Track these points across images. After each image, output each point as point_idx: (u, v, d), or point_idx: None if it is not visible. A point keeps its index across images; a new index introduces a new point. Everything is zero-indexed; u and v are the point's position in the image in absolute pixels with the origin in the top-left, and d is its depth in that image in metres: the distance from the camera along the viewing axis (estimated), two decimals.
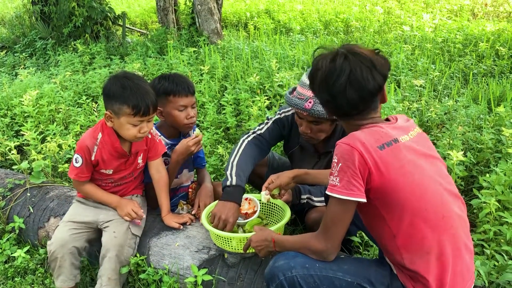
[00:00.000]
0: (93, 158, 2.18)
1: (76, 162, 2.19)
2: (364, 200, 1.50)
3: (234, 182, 2.25)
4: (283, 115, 2.55)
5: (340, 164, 1.50)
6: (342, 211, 1.55)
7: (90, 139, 2.19)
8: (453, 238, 1.55)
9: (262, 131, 2.51)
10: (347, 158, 1.49)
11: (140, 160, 2.32)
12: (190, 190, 2.72)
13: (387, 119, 1.69)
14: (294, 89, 2.32)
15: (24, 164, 2.90)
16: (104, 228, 2.25)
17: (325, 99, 1.61)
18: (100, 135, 2.19)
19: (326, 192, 1.55)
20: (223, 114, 4.08)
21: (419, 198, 1.52)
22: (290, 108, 2.53)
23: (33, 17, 8.34)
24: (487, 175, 2.64)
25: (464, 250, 1.59)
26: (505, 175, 2.56)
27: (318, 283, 1.62)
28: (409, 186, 1.51)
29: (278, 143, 3.03)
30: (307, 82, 2.18)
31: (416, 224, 1.52)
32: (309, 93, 2.15)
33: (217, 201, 2.36)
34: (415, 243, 1.53)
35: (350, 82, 1.53)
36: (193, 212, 2.43)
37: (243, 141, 2.46)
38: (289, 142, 2.61)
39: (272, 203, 2.32)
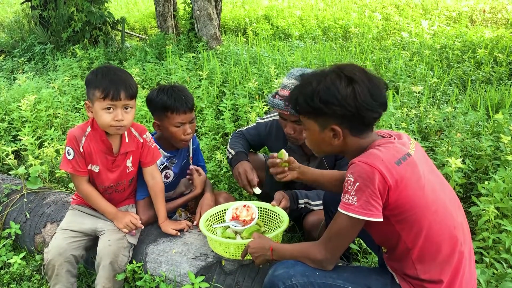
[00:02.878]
0: (81, 149, 2.16)
1: (69, 155, 2.17)
2: (381, 219, 1.48)
3: (233, 152, 2.56)
4: (264, 120, 2.68)
5: (358, 184, 1.47)
6: (351, 228, 1.54)
7: (78, 130, 2.19)
8: (462, 247, 1.56)
9: (243, 129, 2.75)
10: (365, 178, 1.46)
11: (129, 163, 2.29)
12: None
13: (381, 135, 1.68)
14: (277, 92, 2.41)
15: (21, 170, 2.89)
16: (100, 235, 2.24)
17: (350, 113, 1.53)
18: (89, 128, 2.19)
19: (339, 209, 1.53)
20: (221, 119, 4.07)
21: (434, 212, 1.52)
22: (273, 114, 2.64)
23: (32, 22, 8.34)
24: (486, 182, 2.63)
25: (469, 258, 1.60)
26: (504, 182, 2.55)
27: None
28: (425, 200, 1.51)
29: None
30: (288, 83, 2.28)
31: (431, 237, 1.52)
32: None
33: (215, 207, 2.36)
34: (430, 255, 1.53)
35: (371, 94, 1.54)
36: (194, 223, 2.40)
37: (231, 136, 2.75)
38: (272, 146, 2.67)
39: (270, 210, 2.31)
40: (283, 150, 2.02)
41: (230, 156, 2.57)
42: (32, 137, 3.61)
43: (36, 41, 7.77)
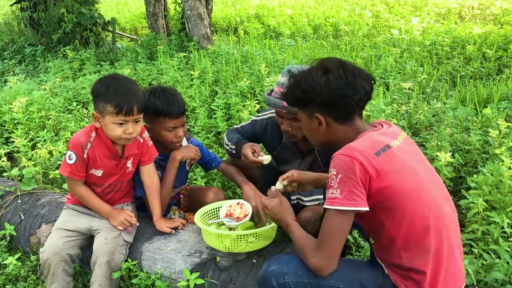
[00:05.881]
0: (85, 155, 2.17)
1: (70, 159, 2.16)
2: (367, 208, 1.50)
3: (234, 146, 2.54)
4: (259, 117, 2.66)
5: (340, 176, 1.50)
6: (341, 223, 1.53)
7: (84, 136, 2.19)
8: (447, 239, 1.58)
9: (238, 126, 2.72)
10: (347, 169, 1.50)
11: (129, 164, 2.32)
12: (181, 196, 2.74)
13: (373, 125, 1.72)
14: (273, 90, 2.42)
15: (15, 171, 2.90)
16: (96, 234, 2.25)
17: (326, 100, 1.63)
18: (93, 134, 2.19)
19: (325, 206, 1.55)
20: (214, 118, 4.09)
21: (417, 201, 1.54)
22: (269, 112, 2.64)
23: (22, 24, 8.31)
24: (475, 175, 2.67)
25: (456, 250, 1.62)
26: (492, 175, 2.59)
27: None
28: (407, 190, 1.54)
29: None
30: (282, 81, 2.30)
31: (414, 226, 1.54)
32: None
33: (209, 204, 2.39)
34: (414, 244, 1.55)
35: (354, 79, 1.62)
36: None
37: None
38: (268, 143, 2.68)
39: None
40: (278, 184, 2.07)
41: (234, 152, 2.54)
42: (25, 139, 3.61)
43: (26, 43, 7.73)
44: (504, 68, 5.77)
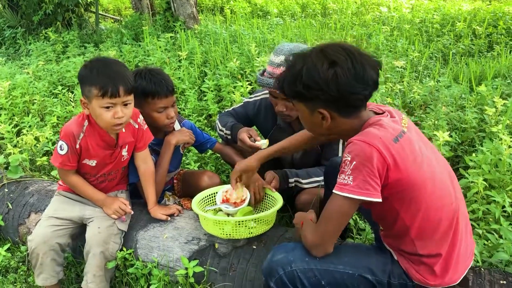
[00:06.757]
0: (77, 146, 2.07)
1: (61, 149, 2.07)
2: (380, 200, 1.43)
3: (229, 131, 2.50)
4: (252, 99, 2.60)
5: (355, 163, 1.42)
6: (345, 209, 1.48)
7: (76, 125, 2.08)
8: (461, 221, 1.55)
9: (230, 109, 2.67)
10: (363, 156, 1.41)
11: (125, 152, 2.22)
12: (175, 181, 2.67)
13: (375, 112, 1.63)
14: (265, 70, 2.35)
15: (0, 159, 2.78)
16: (88, 223, 2.17)
17: (334, 97, 1.48)
18: (86, 123, 2.08)
19: (334, 191, 1.48)
20: (204, 100, 4.00)
21: (432, 189, 1.49)
22: (261, 93, 2.58)
23: (0, 5, 8.03)
24: (473, 154, 2.64)
25: (466, 230, 1.60)
26: (491, 154, 2.56)
27: (319, 278, 1.58)
28: (423, 180, 1.47)
29: None
30: (276, 60, 2.22)
31: (430, 214, 1.49)
32: (279, 70, 2.19)
33: (204, 190, 2.32)
34: (429, 232, 1.51)
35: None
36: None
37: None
38: (261, 125, 2.62)
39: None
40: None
41: (229, 137, 2.49)
42: (9, 124, 3.49)
43: (5, 25, 7.50)
44: (494, 45, 5.75)
